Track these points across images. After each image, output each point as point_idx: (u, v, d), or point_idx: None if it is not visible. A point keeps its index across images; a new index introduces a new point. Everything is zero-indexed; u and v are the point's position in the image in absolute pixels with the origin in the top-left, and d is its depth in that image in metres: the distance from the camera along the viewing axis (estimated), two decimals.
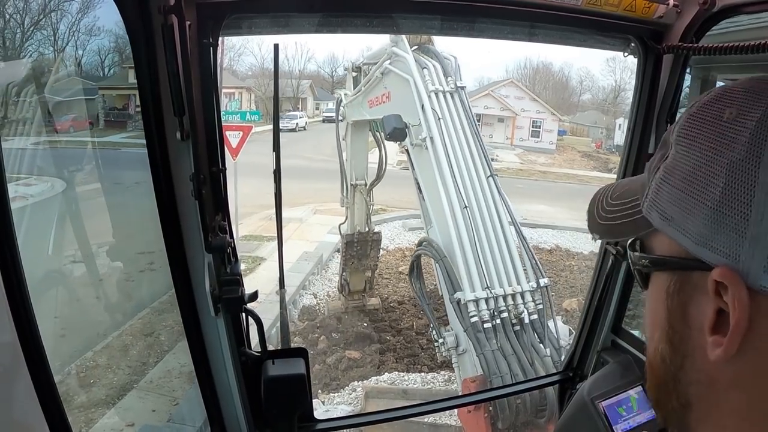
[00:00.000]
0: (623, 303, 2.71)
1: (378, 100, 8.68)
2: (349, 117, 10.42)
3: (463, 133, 7.12)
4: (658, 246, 0.74)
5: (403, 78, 7.61)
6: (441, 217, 6.61)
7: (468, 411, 5.52)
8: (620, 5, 2.08)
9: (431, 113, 7.08)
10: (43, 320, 1.10)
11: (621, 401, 2.50)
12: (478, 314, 5.92)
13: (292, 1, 1.92)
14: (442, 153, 6.80)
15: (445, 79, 7.50)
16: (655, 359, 0.75)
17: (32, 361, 0.97)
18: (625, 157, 2.48)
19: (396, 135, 7.49)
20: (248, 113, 9.06)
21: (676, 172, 0.70)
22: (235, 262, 1.98)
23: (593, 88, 65.53)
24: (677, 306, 0.70)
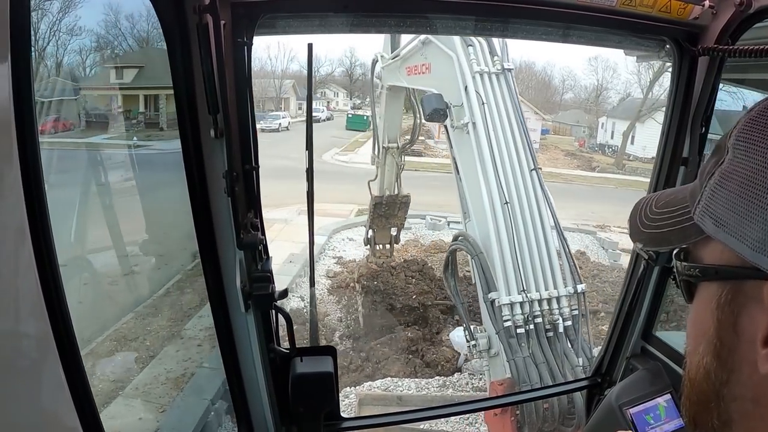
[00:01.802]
0: (654, 309, 2.87)
1: (417, 70, 8.70)
2: (386, 80, 10.57)
3: (507, 120, 7.14)
4: (708, 254, 0.76)
5: (445, 53, 7.64)
6: (480, 211, 6.71)
7: (494, 414, 5.72)
8: (655, 6, 2.22)
9: (474, 96, 7.10)
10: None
11: (649, 409, 2.68)
12: (512, 318, 6.09)
13: (326, 1, 2.08)
14: (484, 141, 6.85)
15: (491, 59, 7.47)
16: (697, 374, 0.77)
17: (64, 353, 1.02)
18: (659, 160, 2.63)
19: (435, 116, 7.54)
20: None
21: (734, 177, 0.71)
22: (267, 259, 2.13)
23: (575, 87, 67.97)
24: (728, 317, 0.71)
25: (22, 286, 0.94)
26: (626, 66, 53.70)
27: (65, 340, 1.03)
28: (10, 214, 0.90)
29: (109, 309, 4.86)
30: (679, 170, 2.57)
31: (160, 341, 6.64)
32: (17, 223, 0.91)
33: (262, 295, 2.05)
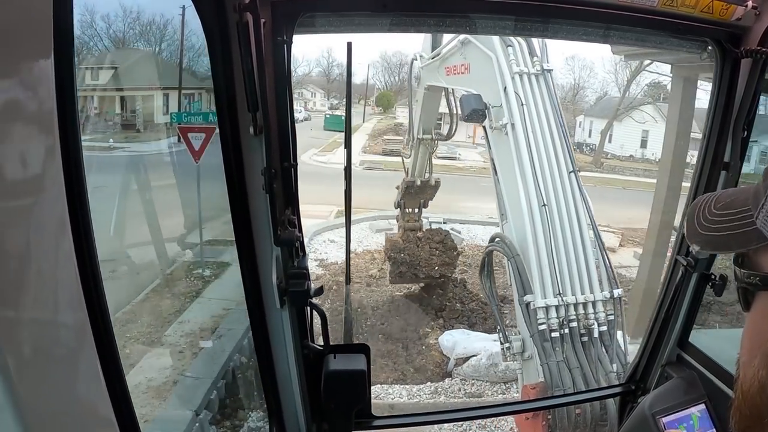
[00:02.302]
0: (691, 316, 2.82)
1: (456, 70, 8.69)
2: (425, 80, 10.62)
3: (546, 121, 7.07)
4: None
5: (485, 53, 7.60)
6: (517, 212, 6.68)
7: (526, 418, 5.67)
8: (697, 6, 2.17)
9: (514, 97, 7.06)
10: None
11: (682, 418, 2.65)
12: (547, 322, 6.03)
13: (365, 1, 2.10)
14: (523, 142, 6.80)
15: (531, 59, 7.40)
16: (751, 387, 0.74)
17: (101, 343, 1.03)
18: (700, 165, 2.57)
19: (474, 117, 7.50)
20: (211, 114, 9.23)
21: None
22: (303, 256, 2.15)
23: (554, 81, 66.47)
24: None
25: (62, 276, 0.95)
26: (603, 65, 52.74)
27: (102, 331, 1.04)
28: (52, 207, 0.92)
29: None
30: (720, 175, 2.51)
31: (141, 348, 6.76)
32: (58, 215, 0.93)
33: (297, 291, 2.08)
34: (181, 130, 8.55)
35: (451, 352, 11.36)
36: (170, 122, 9.16)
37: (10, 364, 0.79)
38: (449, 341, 11.61)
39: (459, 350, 11.22)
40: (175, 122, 8.90)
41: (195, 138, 8.32)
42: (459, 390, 10.64)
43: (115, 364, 1.10)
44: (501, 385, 10.66)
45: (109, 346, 1.07)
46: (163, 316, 7.42)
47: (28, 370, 0.86)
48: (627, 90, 40.69)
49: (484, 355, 10.83)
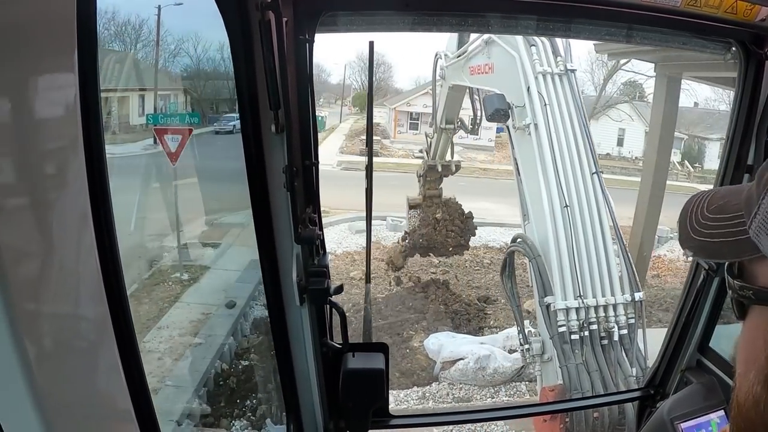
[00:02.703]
0: (712, 321, 2.77)
1: (480, 70, 8.68)
2: (449, 79, 10.67)
3: (570, 122, 7.02)
4: (764, 275, 0.71)
5: (508, 53, 7.58)
6: (539, 213, 6.63)
7: (544, 420, 5.62)
8: (721, 7, 2.13)
9: (537, 97, 7.03)
10: None
11: (701, 424, 2.61)
12: (567, 324, 5.97)
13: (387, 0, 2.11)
14: (546, 143, 6.77)
15: (555, 59, 7.36)
16: (746, 401, 0.73)
17: (121, 336, 1.04)
18: (723, 168, 2.54)
19: (497, 116, 7.52)
20: (187, 116, 9.17)
21: None
22: (323, 254, 2.16)
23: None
24: None
25: (84, 270, 0.96)
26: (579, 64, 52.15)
27: (122, 324, 1.05)
28: (75, 202, 0.92)
29: None
30: (743, 178, 2.46)
31: None
32: (81, 210, 0.93)
33: (317, 289, 2.07)
34: (157, 132, 8.48)
35: (437, 356, 11.08)
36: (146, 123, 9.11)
37: (32, 357, 0.80)
38: (435, 344, 11.33)
39: (445, 353, 10.94)
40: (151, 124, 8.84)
41: (171, 140, 8.22)
42: (447, 395, 10.36)
43: (135, 358, 1.11)
44: (489, 389, 10.41)
45: (128, 340, 1.08)
46: (142, 322, 7.28)
47: (49, 362, 0.87)
48: (603, 89, 40.43)
49: (471, 358, 10.54)
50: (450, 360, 10.82)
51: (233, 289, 8.87)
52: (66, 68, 0.87)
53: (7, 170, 0.81)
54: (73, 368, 0.96)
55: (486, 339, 11.63)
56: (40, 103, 0.84)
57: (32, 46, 0.81)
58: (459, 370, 10.60)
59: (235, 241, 11.27)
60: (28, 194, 0.83)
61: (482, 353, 10.47)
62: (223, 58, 12.19)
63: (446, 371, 10.78)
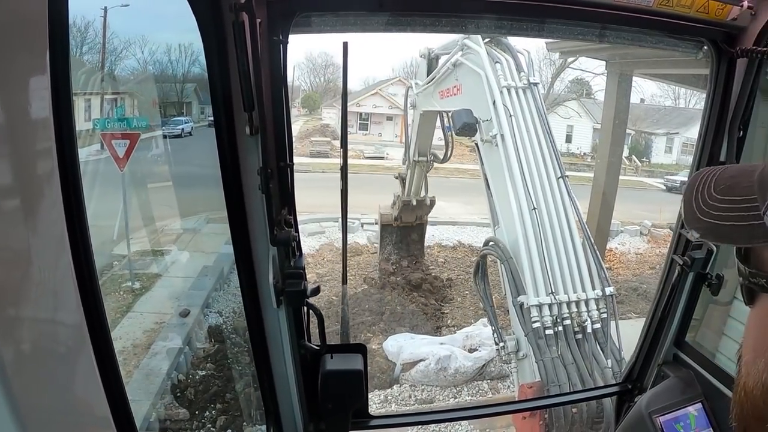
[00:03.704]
0: (687, 316, 2.68)
1: (449, 92, 8.71)
2: (420, 106, 10.65)
3: (534, 131, 7.05)
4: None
5: (474, 71, 7.61)
6: (509, 217, 6.60)
7: (523, 417, 5.48)
8: (693, 7, 2.07)
9: (503, 110, 7.05)
10: None
11: (679, 418, 2.52)
12: (541, 320, 5.89)
13: (361, 0, 2.01)
14: (512, 151, 6.77)
15: (518, 74, 7.43)
16: (755, 388, 0.69)
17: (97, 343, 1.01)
18: (696, 164, 2.45)
19: (466, 130, 7.48)
20: (135, 120, 8.96)
21: None
22: (299, 255, 2.07)
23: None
24: None
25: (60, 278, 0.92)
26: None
27: (99, 331, 1.02)
28: (50, 209, 0.88)
29: None
30: None
31: None
32: (56, 217, 0.90)
33: (294, 291, 1.99)
34: (104, 137, 8.08)
35: (396, 358, 10.63)
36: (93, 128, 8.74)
37: (9, 365, 0.76)
38: (394, 346, 10.90)
39: (405, 355, 10.50)
40: (98, 129, 8.43)
41: (119, 145, 7.83)
42: (410, 397, 9.97)
43: (112, 365, 1.09)
44: (452, 389, 10.07)
45: (105, 347, 1.05)
46: None
47: (26, 370, 0.83)
48: (551, 87, 40.96)
49: (432, 359, 10.16)
50: (410, 361, 10.41)
51: (187, 297, 8.55)
52: (38, 70, 0.84)
53: None
54: (50, 375, 0.93)
55: (445, 339, 11.29)
56: (11, 107, 0.80)
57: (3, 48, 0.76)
58: (420, 371, 10.22)
59: (186, 248, 11.13)
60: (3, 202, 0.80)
61: (443, 353, 10.14)
62: (170, 60, 11.87)
63: (407, 373, 10.39)
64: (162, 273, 10.39)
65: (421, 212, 13.65)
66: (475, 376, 10.19)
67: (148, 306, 8.02)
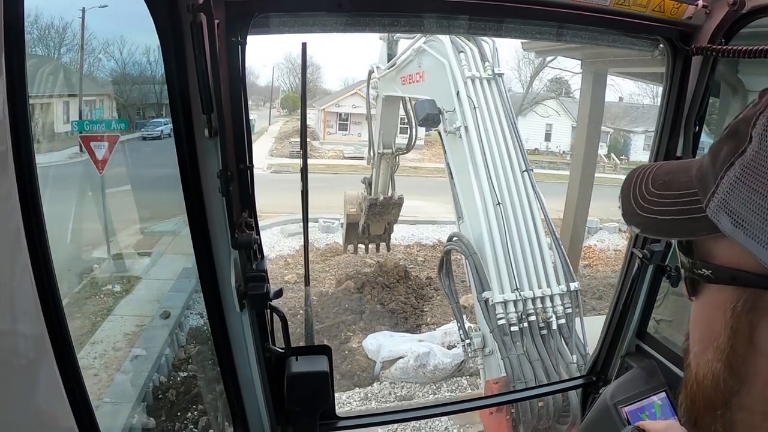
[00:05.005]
0: (648, 308, 2.81)
1: (411, 79, 8.69)
2: (382, 91, 10.60)
3: (499, 123, 7.09)
4: (721, 254, 0.69)
5: (438, 60, 7.62)
6: (473, 212, 6.66)
7: (490, 413, 5.64)
8: (649, 6, 2.16)
9: (466, 101, 7.08)
10: None
11: (644, 407, 2.62)
12: (506, 316, 6.01)
13: (320, 0, 2.04)
14: (476, 144, 6.81)
15: (483, 64, 7.45)
16: (705, 379, 0.72)
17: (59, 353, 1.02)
18: (653, 160, 2.56)
19: (429, 121, 7.52)
20: (114, 122, 8.91)
21: (762, 174, 0.62)
22: (261, 258, 2.08)
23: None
24: (743, 327, 0.66)
25: (19, 287, 0.94)
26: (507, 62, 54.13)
27: (60, 341, 1.02)
28: (7, 218, 0.90)
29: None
30: None
31: None
32: (14, 226, 0.90)
33: (256, 294, 2.01)
34: (83, 139, 8.00)
35: (376, 356, 10.98)
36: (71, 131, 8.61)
37: None
38: (373, 344, 11.24)
39: (384, 353, 10.85)
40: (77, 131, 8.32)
41: (98, 147, 7.82)
42: (389, 394, 10.29)
43: (75, 374, 1.08)
44: (431, 386, 10.42)
45: (68, 356, 1.05)
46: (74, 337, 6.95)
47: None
48: (530, 85, 41.53)
49: (411, 356, 10.50)
50: (390, 359, 10.71)
51: (167, 299, 8.50)
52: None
53: None
54: (13, 387, 0.95)
55: (424, 336, 11.57)
56: None
57: None
58: (399, 368, 10.52)
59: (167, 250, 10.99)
60: None
61: (421, 351, 10.43)
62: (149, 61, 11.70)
63: (387, 371, 10.66)
64: (143, 275, 10.33)
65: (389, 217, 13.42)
66: (454, 372, 10.47)
67: (129, 309, 8.02)
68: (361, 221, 13.28)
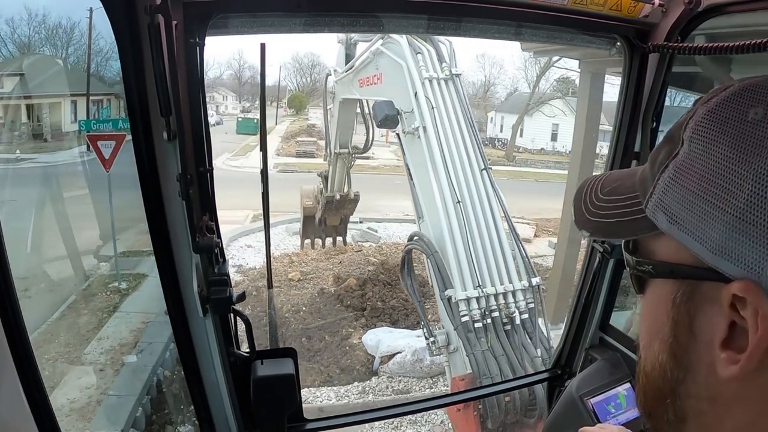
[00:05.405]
0: (610, 301, 2.85)
1: (369, 81, 8.70)
2: (339, 94, 10.56)
3: (457, 123, 7.15)
4: (661, 250, 0.72)
5: (396, 62, 7.63)
6: (433, 211, 6.68)
7: (457, 410, 5.66)
8: (606, 5, 2.19)
9: (424, 101, 7.11)
10: None
11: (610, 398, 2.65)
12: (469, 313, 6.04)
13: (279, 1, 2.01)
14: (435, 143, 6.84)
15: (440, 65, 7.49)
16: (653, 370, 0.75)
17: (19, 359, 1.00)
18: (612, 155, 2.60)
19: (387, 122, 7.53)
20: (121, 121, 8.94)
21: (691, 174, 0.67)
22: (223, 262, 2.05)
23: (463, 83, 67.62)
24: (683, 317, 0.69)
25: None
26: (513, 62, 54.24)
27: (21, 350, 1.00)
28: None
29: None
30: (631, 164, 2.55)
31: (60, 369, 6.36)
32: None
33: (219, 298, 1.97)
34: (90, 138, 7.99)
35: (375, 351, 11.19)
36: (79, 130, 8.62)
37: None
38: (373, 340, 11.44)
39: (383, 348, 11.10)
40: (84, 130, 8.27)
41: (105, 146, 7.90)
42: (386, 388, 10.50)
43: (37, 383, 1.07)
44: (428, 380, 10.62)
45: (28, 365, 1.04)
46: (82, 334, 6.96)
47: None
48: (536, 85, 41.50)
49: (408, 351, 10.77)
50: (388, 354, 10.96)
51: None
52: None
53: None
54: None
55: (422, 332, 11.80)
56: None
57: None
58: (397, 363, 10.76)
59: None
60: None
61: (419, 346, 10.56)
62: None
63: (385, 365, 10.90)
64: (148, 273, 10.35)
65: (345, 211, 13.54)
66: None
67: (134, 306, 8.07)
68: (318, 214, 13.38)
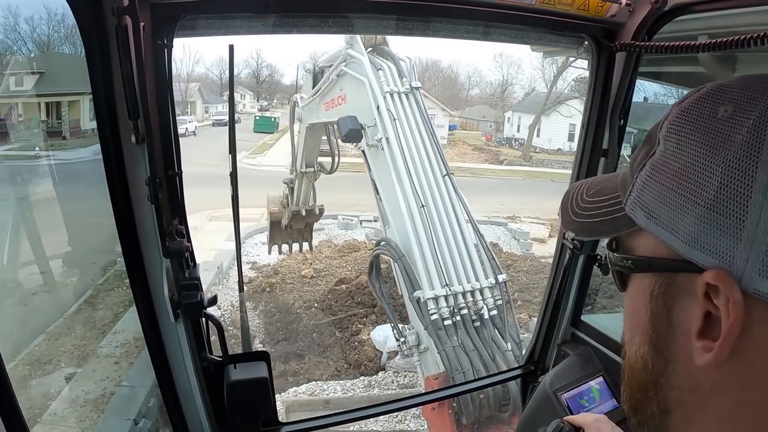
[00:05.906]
0: (581, 296, 2.74)
1: (334, 103, 8.60)
2: (306, 120, 10.38)
3: (418, 132, 7.12)
4: (640, 246, 0.72)
5: (358, 79, 7.57)
6: (398, 216, 6.61)
7: (432, 408, 5.52)
8: (573, 4, 2.09)
9: (386, 114, 7.06)
10: None
11: (583, 392, 2.53)
12: (438, 311, 5.93)
13: (247, 2, 1.89)
14: (398, 153, 6.79)
15: (400, 79, 7.49)
16: (636, 363, 0.73)
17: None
18: (580, 153, 2.50)
19: (352, 136, 7.43)
20: None
21: (666, 170, 0.67)
22: (194, 266, 1.94)
23: (481, 83, 65.26)
24: (661, 309, 0.68)
25: None
26: (530, 62, 54.22)
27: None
28: None
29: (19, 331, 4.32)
30: (599, 161, 2.46)
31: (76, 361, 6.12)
32: None
33: (191, 303, 1.86)
34: None
35: (383, 347, 11.09)
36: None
37: None
38: (381, 336, 11.32)
39: (390, 344, 10.86)
40: None
41: None
42: (392, 382, 10.43)
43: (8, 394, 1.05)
44: None
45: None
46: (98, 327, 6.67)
47: None
48: (554, 85, 40.90)
49: None
50: (395, 350, 10.71)
51: None
52: None
53: None
54: None
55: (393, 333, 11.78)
56: None
57: None
58: (404, 358, 10.49)
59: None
60: None
61: None
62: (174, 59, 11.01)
63: (392, 361, 10.82)
64: None
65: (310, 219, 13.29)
66: None
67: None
68: (284, 220, 13.11)
